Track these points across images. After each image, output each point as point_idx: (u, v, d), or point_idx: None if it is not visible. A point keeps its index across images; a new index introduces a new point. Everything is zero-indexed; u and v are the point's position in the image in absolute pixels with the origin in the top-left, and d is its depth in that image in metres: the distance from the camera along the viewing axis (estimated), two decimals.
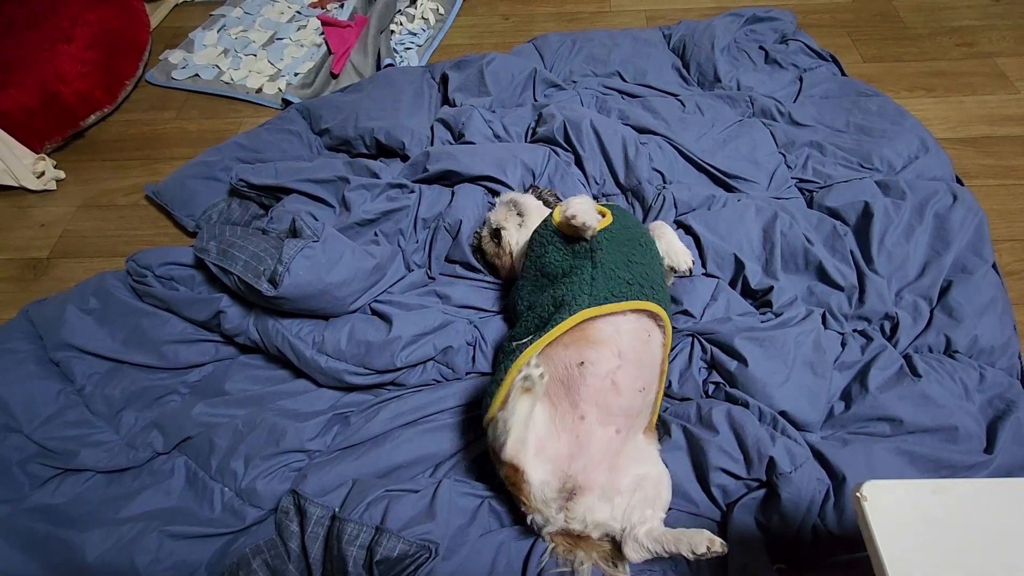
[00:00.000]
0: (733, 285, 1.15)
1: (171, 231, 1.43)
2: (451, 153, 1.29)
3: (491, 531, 0.87)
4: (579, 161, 1.35)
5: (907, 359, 1.01)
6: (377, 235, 1.23)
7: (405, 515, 0.84)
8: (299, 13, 2.02)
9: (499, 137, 1.43)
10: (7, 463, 0.96)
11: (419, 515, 0.85)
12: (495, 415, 0.80)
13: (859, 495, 0.50)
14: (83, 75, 1.59)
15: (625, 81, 1.61)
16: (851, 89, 1.53)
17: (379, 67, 1.76)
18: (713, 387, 1.01)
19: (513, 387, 0.77)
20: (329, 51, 1.82)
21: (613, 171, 1.33)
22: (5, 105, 1.46)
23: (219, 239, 1.08)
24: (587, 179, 1.34)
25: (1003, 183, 1.39)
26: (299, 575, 0.86)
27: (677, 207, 1.24)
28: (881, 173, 1.29)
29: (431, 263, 1.21)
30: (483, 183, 1.26)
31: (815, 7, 1.92)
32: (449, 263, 1.22)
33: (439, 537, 0.83)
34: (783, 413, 0.94)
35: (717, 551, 0.74)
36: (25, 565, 0.87)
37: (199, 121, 1.72)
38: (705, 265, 1.15)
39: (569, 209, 0.90)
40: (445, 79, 1.59)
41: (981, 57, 1.71)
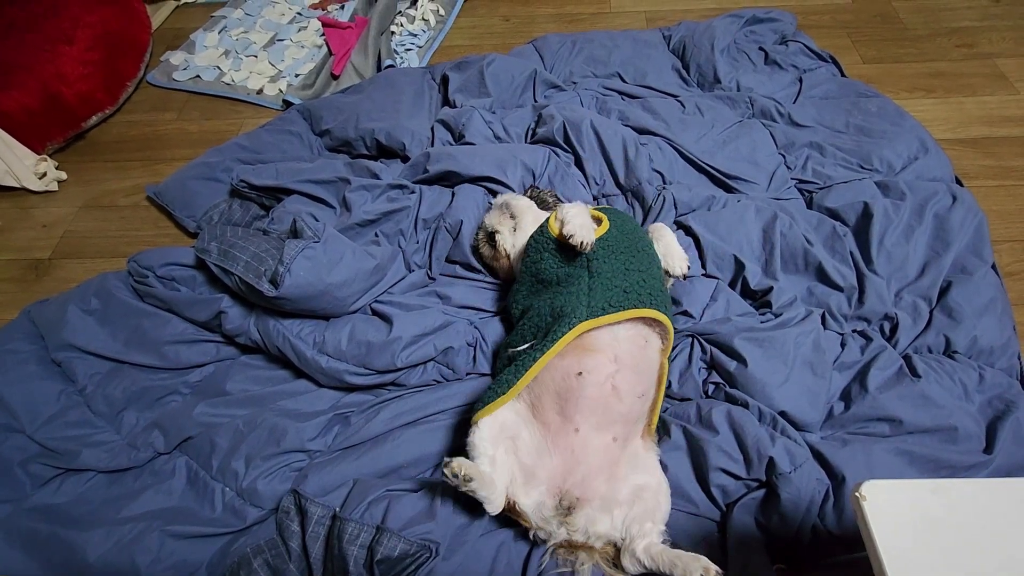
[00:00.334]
0: (733, 286, 1.15)
1: (172, 232, 1.44)
2: (451, 154, 1.29)
3: (491, 531, 0.87)
4: (579, 162, 1.35)
5: (907, 359, 1.01)
6: (378, 236, 1.23)
7: (406, 515, 0.85)
8: (300, 14, 2.03)
9: (499, 138, 1.43)
10: (9, 463, 0.97)
11: (420, 515, 0.85)
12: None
13: (858, 495, 0.50)
14: (84, 76, 1.59)
15: (625, 82, 1.61)
16: (851, 90, 1.53)
17: (380, 68, 1.76)
18: (713, 387, 1.01)
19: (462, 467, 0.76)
20: (330, 52, 1.82)
21: (613, 172, 1.33)
22: (7, 106, 1.46)
23: (220, 240, 1.09)
24: (587, 180, 1.34)
25: (1003, 184, 1.39)
26: (300, 575, 0.86)
27: (677, 208, 1.24)
28: (881, 174, 1.30)
29: (431, 264, 1.21)
30: (483, 184, 1.26)
31: (815, 8, 1.92)
32: (449, 264, 1.22)
33: (440, 537, 0.83)
34: (783, 413, 0.94)
35: None
36: (26, 565, 0.88)
37: (200, 122, 1.72)
38: (705, 266, 1.15)
39: (566, 226, 0.90)
40: (445, 80, 1.59)
41: (981, 58, 1.71)
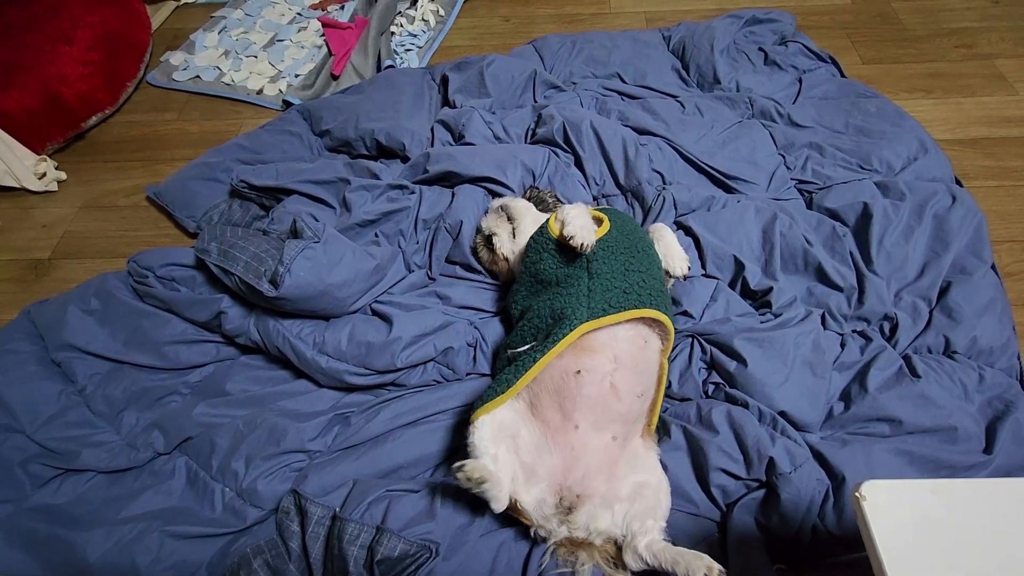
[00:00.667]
0: (733, 286, 1.15)
1: (172, 232, 1.44)
2: (451, 154, 1.29)
3: (492, 531, 0.87)
4: (579, 162, 1.35)
5: (906, 360, 1.01)
6: (378, 236, 1.23)
7: (406, 515, 0.85)
8: (300, 15, 2.03)
9: (499, 138, 1.43)
10: (9, 463, 0.97)
11: (420, 515, 0.85)
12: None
13: (858, 495, 0.50)
14: (84, 77, 1.59)
15: (625, 82, 1.61)
16: (850, 90, 1.53)
17: (379, 68, 1.76)
18: (713, 387, 1.01)
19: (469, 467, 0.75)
20: (330, 53, 1.82)
21: (613, 172, 1.33)
22: (7, 106, 1.46)
23: (220, 240, 1.09)
24: (587, 180, 1.34)
25: (1002, 184, 1.39)
26: (300, 575, 0.86)
27: (677, 208, 1.24)
28: (880, 174, 1.30)
29: (431, 264, 1.21)
30: (483, 184, 1.26)
31: (814, 9, 1.93)
32: (449, 264, 1.22)
33: (440, 537, 0.83)
34: (783, 413, 0.94)
35: None
36: (26, 565, 0.88)
37: (200, 122, 1.72)
38: (705, 266, 1.16)
39: (567, 228, 0.90)
40: (445, 80, 1.59)
41: (980, 59, 1.71)
